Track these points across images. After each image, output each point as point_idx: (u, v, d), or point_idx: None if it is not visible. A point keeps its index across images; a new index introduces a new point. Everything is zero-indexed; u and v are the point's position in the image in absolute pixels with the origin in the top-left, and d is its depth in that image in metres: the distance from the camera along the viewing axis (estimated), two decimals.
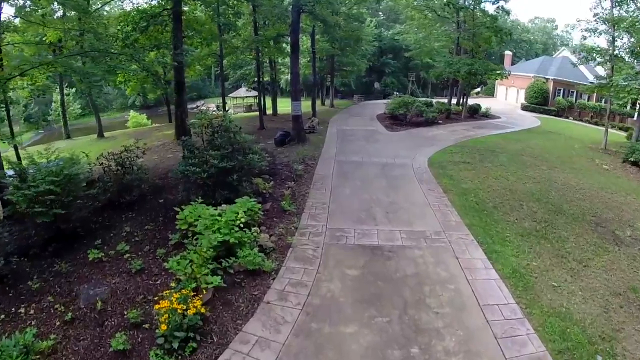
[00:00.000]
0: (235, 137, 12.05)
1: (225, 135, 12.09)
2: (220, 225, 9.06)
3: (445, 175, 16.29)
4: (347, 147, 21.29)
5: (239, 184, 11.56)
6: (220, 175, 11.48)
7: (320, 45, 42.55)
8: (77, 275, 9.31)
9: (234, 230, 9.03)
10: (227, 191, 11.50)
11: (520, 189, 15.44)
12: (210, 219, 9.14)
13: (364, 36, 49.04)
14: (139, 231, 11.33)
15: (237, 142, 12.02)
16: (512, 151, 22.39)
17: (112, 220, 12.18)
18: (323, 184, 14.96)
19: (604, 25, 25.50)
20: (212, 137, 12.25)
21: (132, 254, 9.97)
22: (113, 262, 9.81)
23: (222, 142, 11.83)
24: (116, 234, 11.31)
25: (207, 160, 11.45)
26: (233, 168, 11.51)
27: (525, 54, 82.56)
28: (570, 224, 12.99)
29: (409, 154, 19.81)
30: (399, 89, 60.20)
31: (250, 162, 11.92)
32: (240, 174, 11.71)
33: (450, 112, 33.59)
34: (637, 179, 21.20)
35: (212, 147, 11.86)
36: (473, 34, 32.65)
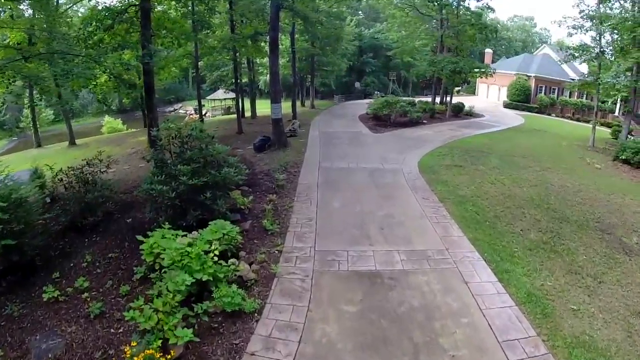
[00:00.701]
0: (208, 149, 10.63)
1: (196, 146, 10.68)
2: (191, 260, 7.64)
3: (439, 181, 15.21)
4: (332, 152, 20.06)
5: (213, 202, 10.13)
6: (192, 194, 10.06)
7: (300, 45, 41.34)
8: (31, 320, 7.84)
9: (207, 265, 7.66)
10: (200, 211, 10.10)
11: (518, 194, 14.47)
12: (177, 252, 7.70)
13: (344, 35, 48.08)
14: (102, 260, 9.88)
15: (209, 155, 10.59)
16: (502, 151, 21.55)
17: (74, 245, 10.71)
18: (308, 195, 13.68)
19: (590, 22, 25.01)
20: (182, 149, 10.81)
21: (92, 292, 8.54)
22: (71, 302, 8.38)
23: (192, 155, 10.39)
24: (76, 264, 9.86)
25: (175, 177, 10.01)
26: (206, 184, 10.10)
27: (505, 51, 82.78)
28: (577, 233, 12.05)
29: (398, 157, 18.70)
30: (379, 89, 59.41)
31: (226, 176, 10.50)
32: (214, 190, 10.30)
33: (434, 111, 32.73)
34: (630, 178, 20.56)
35: (181, 161, 10.40)
36: (457, 31, 31.83)
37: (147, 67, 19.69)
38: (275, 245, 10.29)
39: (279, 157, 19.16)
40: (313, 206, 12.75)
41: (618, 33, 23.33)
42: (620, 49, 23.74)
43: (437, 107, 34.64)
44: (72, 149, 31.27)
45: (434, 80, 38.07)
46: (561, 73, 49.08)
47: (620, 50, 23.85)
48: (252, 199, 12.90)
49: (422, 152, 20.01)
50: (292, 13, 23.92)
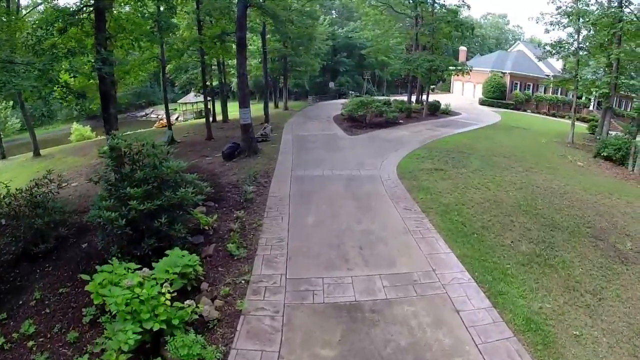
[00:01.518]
0: (162, 167, 9.32)
1: (148, 164, 9.35)
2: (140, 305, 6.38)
3: (420, 188, 14.23)
4: (305, 158, 18.92)
5: (170, 227, 8.85)
6: (145, 219, 8.76)
7: (272, 45, 40.16)
8: None
9: (159, 310, 6.41)
10: (156, 239, 8.80)
11: (505, 199, 13.60)
12: (122, 298, 6.42)
13: (317, 34, 47.04)
14: (52, 297, 8.59)
15: (164, 174, 9.29)
16: (483, 151, 20.79)
17: (25, 278, 9.45)
18: (279, 210, 12.49)
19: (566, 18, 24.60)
20: (132, 168, 9.47)
21: (39, 339, 7.38)
22: (16, 351, 7.24)
23: (143, 175, 9.07)
24: (26, 301, 8.62)
25: (126, 201, 8.69)
26: (160, 208, 8.80)
27: (479, 49, 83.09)
28: (569, 241, 11.23)
29: (375, 162, 17.69)
30: (354, 88, 58.60)
31: (183, 197, 9.21)
32: (171, 214, 9.03)
33: (410, 111, 31.93)
34: (613, 175, 20.08)
35: (131, 183, 9.06)
36: (432, 29, 31.10)
37: (101, 74, 18.13)
38: (242, 274, 9.07)
39: (249, 166, 17.94)
40: (284, 223, 11.58)
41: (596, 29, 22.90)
42: (600, 45, 23.32)
43: (413, 106, 33.89)
44: (37, 160, 29.31)
45: (409, 79, 37.31)
46: (536, 69, 49.18)
47: (599, 46, 23.43)
48: (217, 217, 11.66)
49: (400, 155, 19.06)
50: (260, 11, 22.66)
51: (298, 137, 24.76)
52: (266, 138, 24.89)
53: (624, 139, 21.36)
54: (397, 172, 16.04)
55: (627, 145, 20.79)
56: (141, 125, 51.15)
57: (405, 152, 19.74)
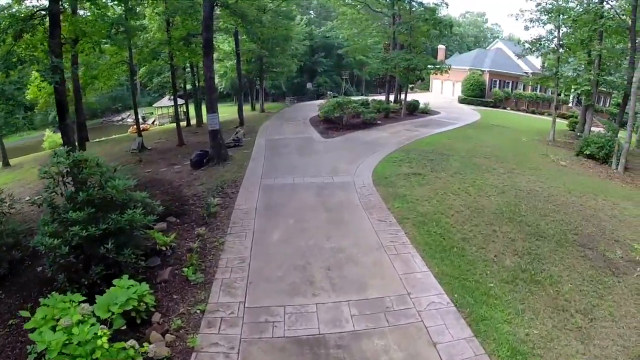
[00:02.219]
0: (107, 187, 8.15)
1: (93, 184, 8.20)
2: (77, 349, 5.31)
3: (396, 195, 13.26)
4: (277, 164, 17.85)
5: (117, 254, 7.72)
6: (90, 246, 7.63)
7: (247, 46, 39.00)
8: None
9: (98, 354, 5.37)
10: (103, 267, 7.67)
11: (486, 205, 12.73)
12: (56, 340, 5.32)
13: (294, 35, 46.02)
14: (1, 329, 7.39)
15: (110, 194, 8.12)
16: (463, 152, 20.00)
17: None
18: (243, 225, 11.39)
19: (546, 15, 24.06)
20: (76, 189, 8.29)
21: None
22: None
23: (87, 196, 7.90)
24: None
25: (69, 226, 7.55)
26: (106, 232, 7.67)
27: (457, 47, 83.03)
28: (556, 252, 10.39)
29: (350, 167, 16.70)
30: (332, 88, 57.72)
31: (131, 220, 8.06)
32: (118, 238, 7.89)
33: (388, 111, 31.06)
34: (597, 175, 19.48)
35: (74, 206, 7.91)
36: (410, 27, 30.30)
37: (54, 82, 16.77)
38: (198, 302, 7.97)
39: (218, 174, 16.81)
40: (248, 240, 10.48)
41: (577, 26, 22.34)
42: (581, 42, 22.76)
43: (391, 106, 33.04)
44: (5, 171, 27.66)
45: (387, 78, 36.48)
46: (515, 67, 48.99)
47: (580, 43, 22.86)
48: (177, 235, 10.53)
49: (376, 159, 18.11)
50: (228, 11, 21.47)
51: (272, 141, 23.67)
52: (238, 143, 23.75)
53: (606, 137, 20.80)
54: (372, 178, 15.06)
55: (610, 143, 20.23)
56: (117, 131, 49.57)
57: (382, 155, 18.80)
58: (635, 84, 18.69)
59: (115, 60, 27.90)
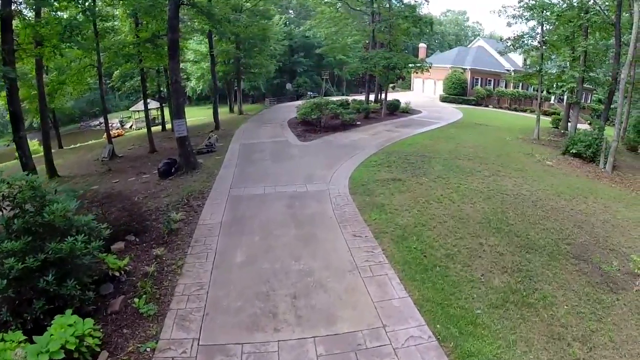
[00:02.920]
0: (44, 213, 6.87)
1: (30, 209, 6.94)
2: None
3: (374, 205, 12.16)
4: (249, 172, 16.65)
5: (59, 286, 6.50)
6: (29, 279, 6.41)
7: (223, 47, 37.69)
8: None
9: None
10: (45, 301, 6.47)
11: (471, 214, 11.72)
12: None
13: (272, 35, 44.82)
14: None
15: (48, 220, 6.86)
16: (445, 154, 19.06)
17: None
18: (206, 244, 10.18)
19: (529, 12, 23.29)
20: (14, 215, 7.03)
21: None
22: None
23: (23, 224, 6.65)
24: None
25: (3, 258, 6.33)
26: (46, 263, 6.46)
27: (438, 45, 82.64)
28: (549, 266, 9.43)
29: (326, 173, 15.57)
30: (312, 89, 56.63)
31: (72, 248, 6.79)
32: (61, 268, 6.66)
33: (368, 111, 30.04)
34: (585, 175, 18.72)
35: (10, 235, 6.68)
36: (390, 25, 29.33)
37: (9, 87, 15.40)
38: (149, 338, 6.77)
39: (185, 185, 15.54)
40: (209, 263, 9.27)
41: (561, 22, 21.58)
42: (565, 38, 22.00)
43: (371, 106, 32.04)
44: None
45: (366, 77, 35.49)
46: (496, 65, 48.55)
47: (564, 39, 22.11)
48: (133, 257, 9.34)
49: (354, 163, 17.03)
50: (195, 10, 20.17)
51: (246, 145, 22.44)
52: (211, 148, 22.48)
53: (593, 135, 20.07)
54: (348, 186, 13.94)
55: (597, 142, 19.50)
56: (94, 135, 47.87)
57: (361, 159, 17.73)
58: (624, 80, 17.99)
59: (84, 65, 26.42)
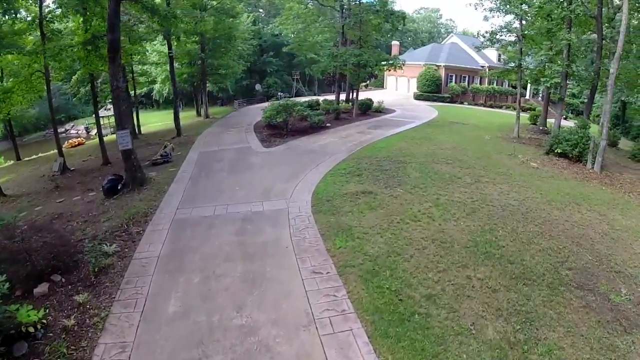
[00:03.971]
0: None
1: None
2: None
3: (340, 228, 10.20)
4: (202, 187, 14.53)
5: None
6: None
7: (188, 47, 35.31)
8: None
9: None
10: None
11: (455, 236, 9.89)
12: None
13: (238, 34, 42.53)
14: None
15: None
16: (421, 157, 17.30)
17: None
18: (137, 286, 8.07)
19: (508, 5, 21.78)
20: None
21: None
22: None
23: None
24: None
25: None
26: None
27: (412, 43, 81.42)
28: (551, 303, 7.69)
29: (287, 186, 13.56)
30: (283, 89, 54.47)
31: None
32: None
33: (339, 112, 28.11)
34: (573, 176, 17.20)
35: None
36: (360, 20, 27.50)
37: None
38: None
39: (130, 205, 13.29)
40: (137, 313, 7.18)
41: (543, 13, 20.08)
42: (547, 31, 20.54)
43: (342, 107, 30.15)
44: None
45: (336, 76, 33.61)
46: (471, 61, 47.46)
47: (547, 32, 20.64)
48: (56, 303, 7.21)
49: (321, 172, 15.08)
50: (139, 6, 17.82)
51: (205, 154, 20.25)
52: (167, 159, 20.14)
53: (579, 134, 18.61)
54: (311, 202, 11.95)
55: (584, 140, 18.05)
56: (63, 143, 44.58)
57: (328, 167, 15.80)
58: (614, 75, 16.59)
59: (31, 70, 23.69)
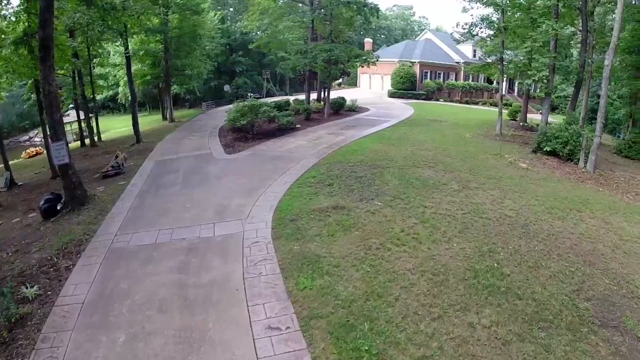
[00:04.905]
0: None
1: None
2: None
3: (305, 259, 8.15)
4: (149, 205, 12.32)
5: None
6: None
7: (145, 47, 32.86)
8: None
9: None
10: None
11: (449, 263, 8.01)
12: None
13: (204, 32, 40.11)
14: None
15: None
16: (400, 160, 15.50)
17: None
18: (53, 347, 6.02)
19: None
20: None
21: None
22: None
23: None
24: None
25: None
26: None
27: (385, 40, 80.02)
28: (575, 353, 6.02)
29: (245, 202, 11.48)
30: (253, 90, 52.16)
31: None
32: None
33: (310, 112, 26.08)
34: (566, 177, 15.70)
35: None
36: (331, 13, 25.56)
37: None
38: None
39: (66, 229, 11.01)
40: None
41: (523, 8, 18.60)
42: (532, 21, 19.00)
43: (313, 106, 28.15)
44: None
45: (307, 74, 31.56)
46: (446, 57, 46.24)
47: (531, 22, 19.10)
48: None
49: (286, 183, 13.07)
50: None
51: (161, 164, 17.97)
52: (119, 170, 17.72)
53: (570, 130, 17.11)
54: (272, 223, 9.91)
55: (575, 138, 16.59)
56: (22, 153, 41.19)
57: (295, 176, 13.78)
58: (609, 67, 15.14)
59: None
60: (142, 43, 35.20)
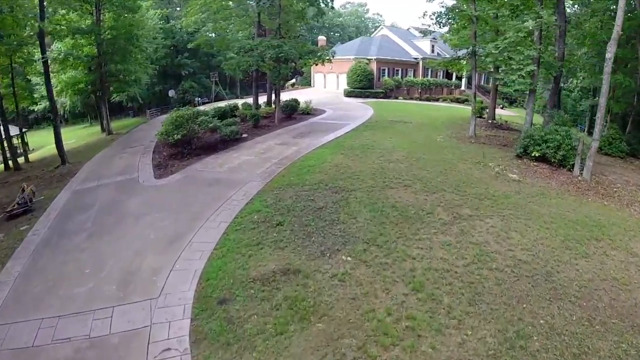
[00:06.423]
0: None
1: None
2: None
3: None
4: (41, 270, 8.93)
5: None
6: None
7: (75, 50, 28.62)
8: None
9: None
10: None
11: None
12: None
13: (143, 32, 35.94)
14: None
15: None
16: (369, 180, 12.57)
17: None
18: None
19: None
20: None
21: None
22: None
23: None
24: None
25: None
26: None
27: (339, 38, 77.51)
28: None
29: (163, 262, 8.21)
30: (201, 94, 48.20)
31: None
32: None
33: (258, 118, 22.54)
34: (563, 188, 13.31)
35: None
36: (279, 5, 22.33)
37: None
38: None
39: None
40: None
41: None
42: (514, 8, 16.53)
43: (262, 111, 24.82)
44: None
45: (254, 75, 28.16)
46: (403, 53, 44.01)
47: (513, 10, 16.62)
48: None
49: (220, 226, 9.85)
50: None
51: (78, 195, 14.34)
52: (28, 207, 13.80)
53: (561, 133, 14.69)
54: (194, 309, 6.64)
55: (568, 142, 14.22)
56: None
57: (234, 212, 10.57)
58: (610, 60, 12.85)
59: None
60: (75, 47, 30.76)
